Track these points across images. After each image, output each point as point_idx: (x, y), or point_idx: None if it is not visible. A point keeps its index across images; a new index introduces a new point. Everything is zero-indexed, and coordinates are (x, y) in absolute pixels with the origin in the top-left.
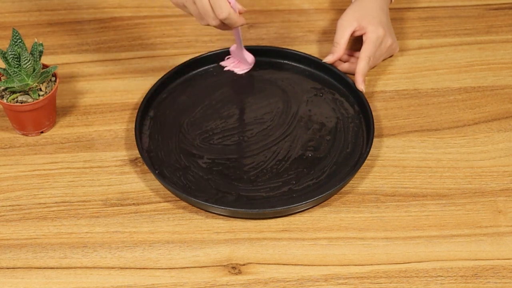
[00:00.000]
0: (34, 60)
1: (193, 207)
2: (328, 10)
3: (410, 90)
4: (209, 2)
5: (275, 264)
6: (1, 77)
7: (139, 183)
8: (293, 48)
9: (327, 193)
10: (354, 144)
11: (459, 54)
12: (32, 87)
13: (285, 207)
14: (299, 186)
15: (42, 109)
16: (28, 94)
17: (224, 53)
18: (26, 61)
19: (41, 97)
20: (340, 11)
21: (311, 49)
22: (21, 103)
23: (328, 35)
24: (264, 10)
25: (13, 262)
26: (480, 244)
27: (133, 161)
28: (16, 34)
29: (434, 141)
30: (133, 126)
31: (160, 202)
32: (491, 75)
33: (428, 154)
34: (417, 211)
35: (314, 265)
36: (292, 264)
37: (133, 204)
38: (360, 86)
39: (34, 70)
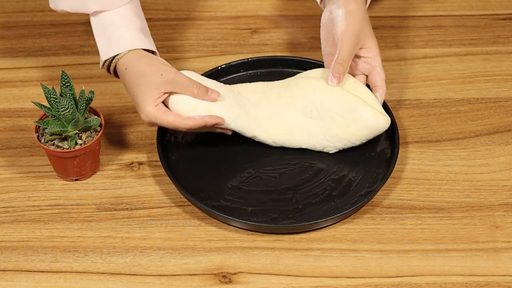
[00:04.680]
0: (77, 109)
1: (186, 213)
2: None
3: (412, 100)
4: None
5: (266, 274)
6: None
7: (134, 188)
8: (296, 55)
9: (324, 219)
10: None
11: (463, 64)
12: (70, 135)
13: (290, 225)
14: (300, 206)
15: (78, 158)
16: (66, 140)
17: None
18: (64, 108)
19: (77, 146)
20: None
21: (314, 56)
22: (57, 147)
23: None
24: (268, 16)
25: (3, 264)
26: (476, 259)
27: (128, 166)
28: (65, 77)
29: (433, 153)
30: (131, 130)
31: (153, 208)
32: (495, 86)
33: (427, 166)
34: (413, 224)
35: (306, 276)
36: (283, 275)
37: (127, 209)
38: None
39: (73, 119)
